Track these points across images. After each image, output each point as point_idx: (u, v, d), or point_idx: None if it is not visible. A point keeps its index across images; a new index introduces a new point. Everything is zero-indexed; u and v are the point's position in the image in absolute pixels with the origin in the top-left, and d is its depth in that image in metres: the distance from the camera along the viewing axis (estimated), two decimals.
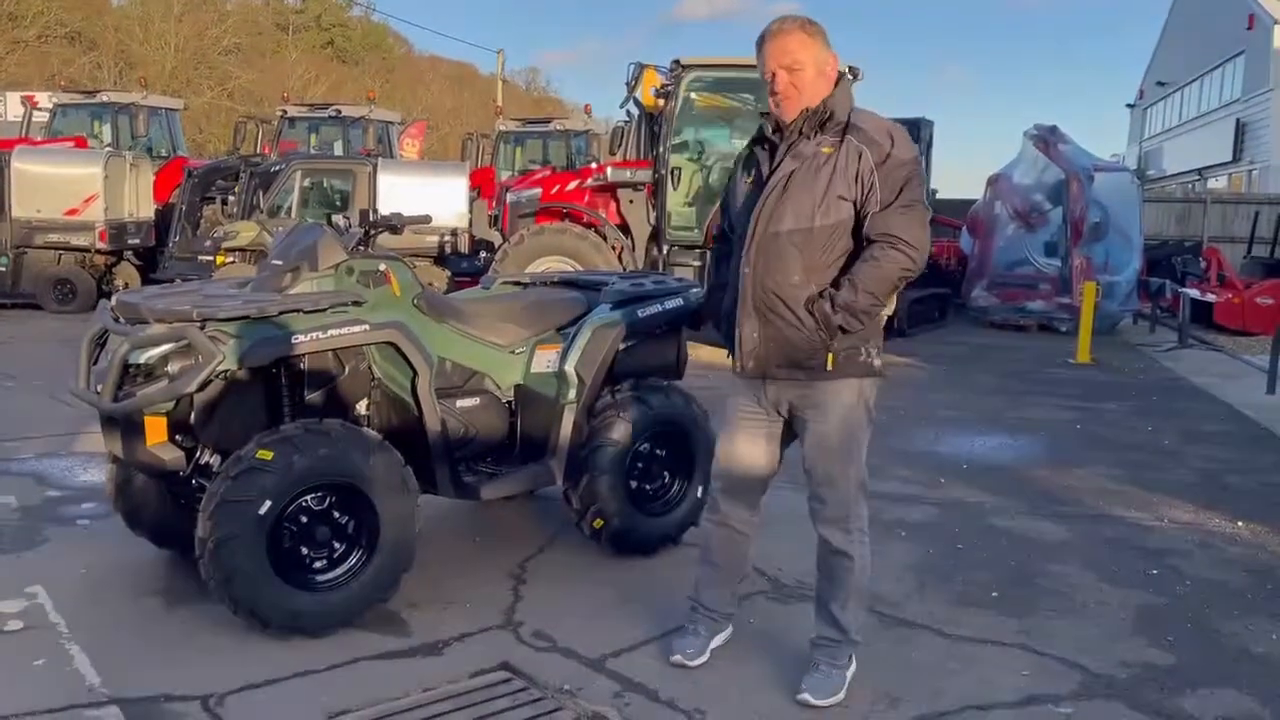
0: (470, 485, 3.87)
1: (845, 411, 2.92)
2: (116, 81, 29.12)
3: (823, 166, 2.81)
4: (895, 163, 2.79)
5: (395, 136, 18.01)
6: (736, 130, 11.08)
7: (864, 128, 2.83)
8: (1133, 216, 13.33)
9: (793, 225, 2.83)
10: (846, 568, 2.99)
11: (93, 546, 4.17)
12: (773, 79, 2.88)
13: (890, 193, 2.78)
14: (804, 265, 2.83)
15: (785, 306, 2.85)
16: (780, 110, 2.90)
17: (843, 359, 2.86)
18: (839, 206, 2.80)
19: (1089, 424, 7.25)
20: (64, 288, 12.15)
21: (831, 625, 3.04)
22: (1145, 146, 35.84)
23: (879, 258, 2.78)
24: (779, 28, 2.89)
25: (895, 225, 2.77)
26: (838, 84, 2.91)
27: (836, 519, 2.97)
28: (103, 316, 3.59)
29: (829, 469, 2.95)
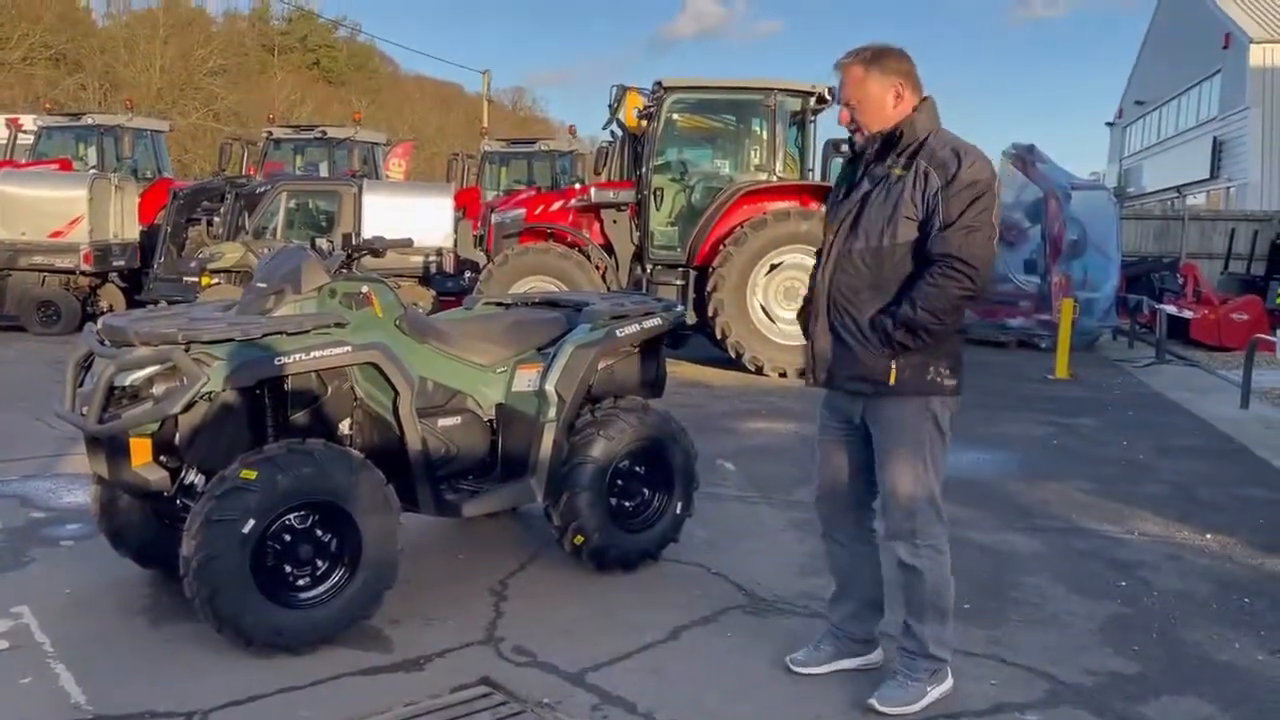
0: (452, 503, 3.93)
1: (909, 427, 2.98)
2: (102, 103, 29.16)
3: (894, 187, 2.92)
4: (961, 184, 2.84)
5: (381, 157, 18.10)
6: (718, 151, 11.24)
7: (936, 150, 2.90)
8: (1110, 233, 13.51)
9: (864, 244, 2.96)
10: (914, 582, 3.05)
11: (78, 566, 4.20)
12: (840, 112, 3.06)
13: (954, 213, 2.84)
14: (872, 282, 2.95)
15: (853, 321, 2.97)
16: (855, 137, 3.07)
17: (907, 375, 2.93)
18: (906, 227, 2.90)
19: (1065, 438, 7.36)
20: (48, 310, 12.15)
21: (907, 636, 3.11)
22: (1125, 164, 36.22)
23: (936, 277, 2.85)
24: (841, 63, 3.04)
25: (953, 245, 2.83)
26: (920, 106, 2.98)
27: (902, 533, 3.03)
28: (88, 339, 3.65)
29: (894, 483, 3.01)
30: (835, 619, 3.32)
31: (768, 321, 9.91)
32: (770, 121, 10.29)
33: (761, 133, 10.55)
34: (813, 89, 10.30)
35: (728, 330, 9.85)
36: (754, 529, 4.97)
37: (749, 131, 10.83)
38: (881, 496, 3.08)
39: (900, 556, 3.05)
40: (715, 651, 3.53)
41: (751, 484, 5.80)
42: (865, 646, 3.31)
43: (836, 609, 3.33)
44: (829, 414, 3.20)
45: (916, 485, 3.00)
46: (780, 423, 7.69)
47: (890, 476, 3.02)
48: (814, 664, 3.28)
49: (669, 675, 3.34)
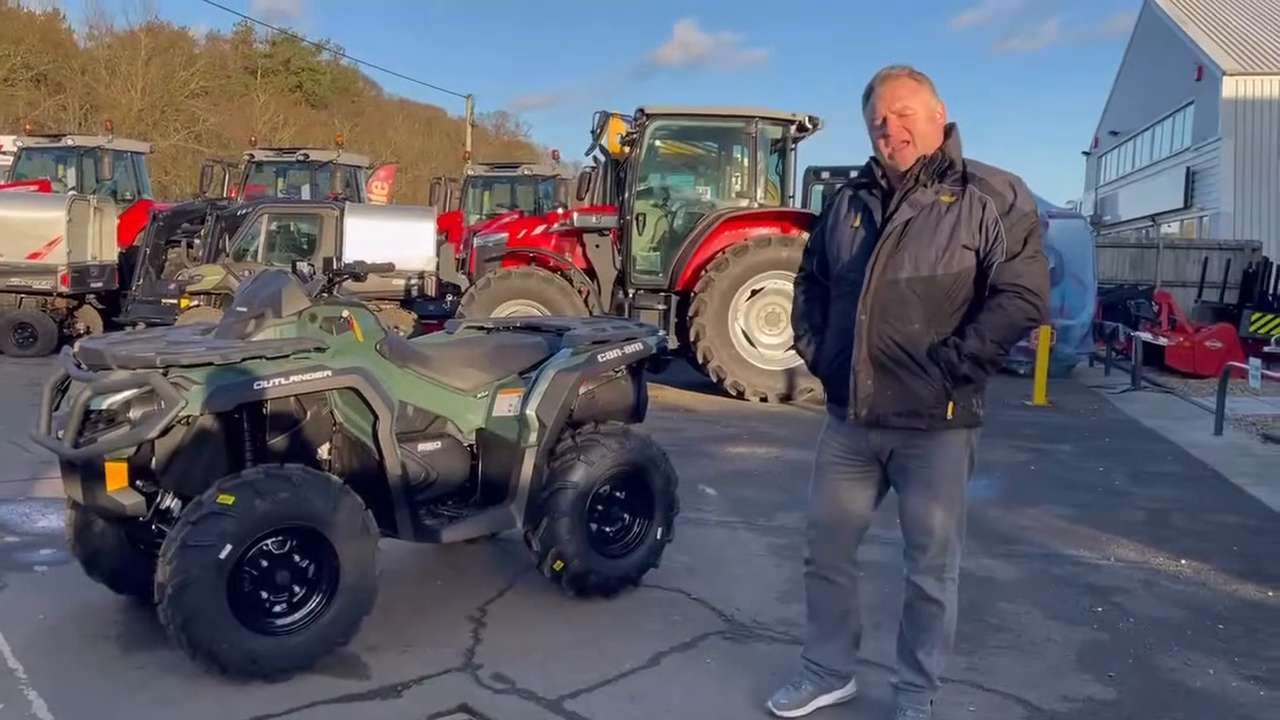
0: (431, 528, 3.92)
1: (955, 462, 2.92)
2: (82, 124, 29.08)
3: (944, 215, 2.81)
4: (1019, 214, 2.80)
5: (363, 180, 18.09)
6: (700, 177, 11.32)
7: (985, 178, 2.84)
8: (1087, 262, 13.67)
9: (912, 273, 2.82)
10: (937, 615, 2.98)
11: (51, 592, 4.15)
12: (884, 124, 2.86)
13: (1016, 243, 2.79)
14: (926, 313, 2.83)
15: (907, 355, 2.84)
16: (895, 157, 2.87)
17: (960, 408, 2.86)
18: (963, 256, 2.81)
19: (1043, 464, 7.42)
20: (25, 332, 12.05)
21: (917, 671, 3.03)
22: (1101, 193, 36.71)
23: (1006, 307, 2.78)
24: (887, 74, 2.89)
25: (1023, 275, 2.78)
26: (949, 134, 2.91)
27: (934, 568, 2.96)
28: (65, 362, 3.62)
29: (932, 518, 2.92)
30: (820, 659, 3.23)
31: (749, 346, 9.97)
32: (752, 149, 10.38)
33: (743, 160, 10.63)
34: (793, 117, 10.42)
35: (709, 355, 9.89)
36: (735, 554, 4.97)
37: (730, 158, 10.92)
38: (913, 533, 2.98)
39: (928, 591, 2.97)
40: (694, 679, 3.52)
41: (733, 509, 5.81)
42: (843, 681, 3.28)
43: (823, 648, 3.24)
44: (843, 450, 3.05)
45: (953, 520, 2.94)
46: (762, 447, 7.71)
47: (930, 512, 2.93)
48: (796, 705, 3.20)
49: (648, 702, 3.32)
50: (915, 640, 3.03)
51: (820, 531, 3.16)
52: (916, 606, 3.02)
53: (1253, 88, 24.25)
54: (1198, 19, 27.34)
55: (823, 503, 3.13)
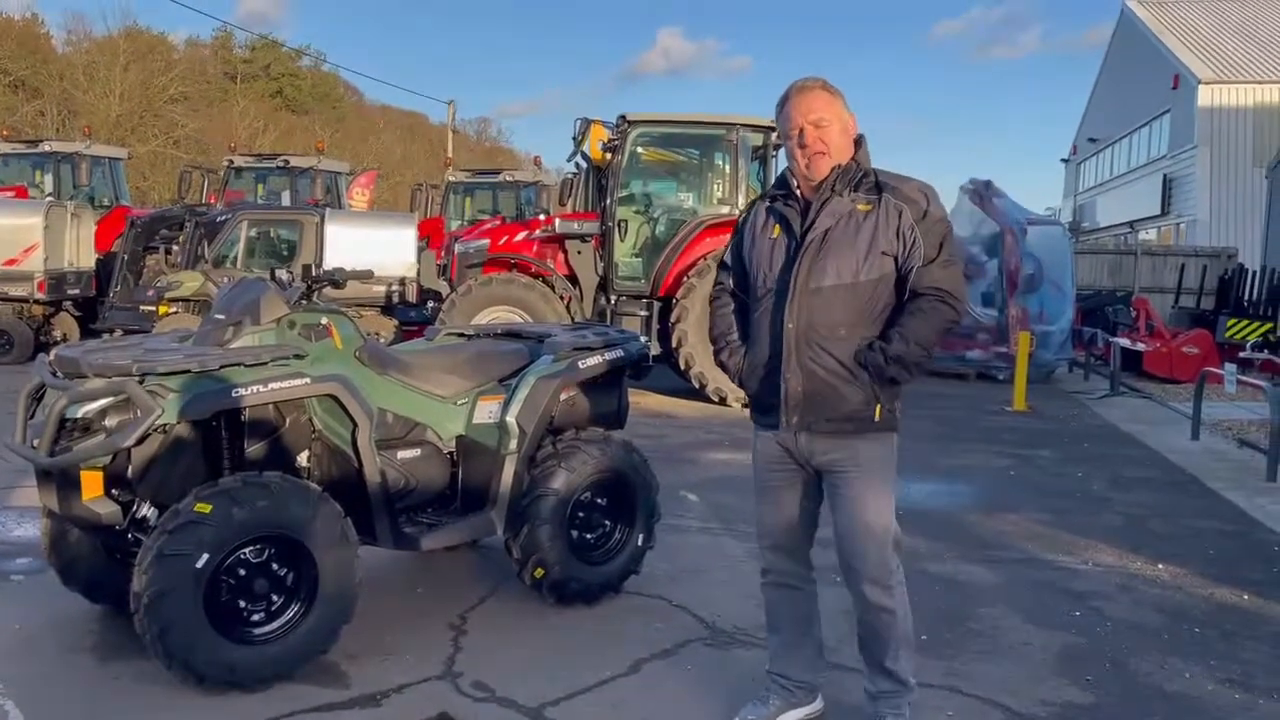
0: (411, 536, 3.90)
1: (883, 465, 2.95)
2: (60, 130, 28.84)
3: (863, 223, 2.87)
4: (933, 219, 2.87)
5: (344, 186, 18.02)
6: (682, 184, 11.35)
7: (899, 186, 2.90)
8: (1065, 268, 13.79)
9: (835, 280, 2.87)
10: (890, 623, 2.97)
11: (27, 602, 4.11)
12: (800, 134, 2.91)
13: (932, 248, 2.85)
14: (850, 319, 2.88)
15: (833, 359, 2.88)
16: (811, 167, 2.92)
17: (886, 412, 2.91)
18: (882, 262, 2.86)
19: (1022, 470, 7.46)
20: (0, 339, 11.93)
21: (888, 679, 3.02)
22: (1079, 200, 37.02)
23: (927, 310, 2.84)
24: (802, 85, 2.95)
25: (941, 279, 2.85)
26: (859, 145, 2.98)
27: (877, 577, 2.94)
28: (40, 370, 3.59)
29: (866, 524, 2.92)
30: (787, 670, 3.21)
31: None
32: (733, 156, 10.42)
33: (724, 166, 10.67)
34: (774, 124, 10.42)
35: (691, 361, 9.90)
36: (716, 561, 4.97)
37: (712, 165, 10.96)
38: (848, 543, 2.96)
39: (876, 601, 2.95)
40: (675, 685, 3.52)
41: (714, 515, 5.81)
42: (810, 695, 3.25)
43: (789, 660, 3.22)
44: (776, 454, 3.05)
45: (887, 524, 2.96)
46: (743, 454, 7.67)
47: (862, 517, 2.93)
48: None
49: (628, 710, 3.32)
50: (877, 650, 3.03)
51: (772, 540, 3.16)
52: (869, 619, 3.01)
53: (1228, 96, 24.56)
54: (1174, 29, 27.67)
55: (768, 512, 3.14)
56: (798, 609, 3.20)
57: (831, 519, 3.02)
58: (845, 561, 3.00)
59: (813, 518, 3.14)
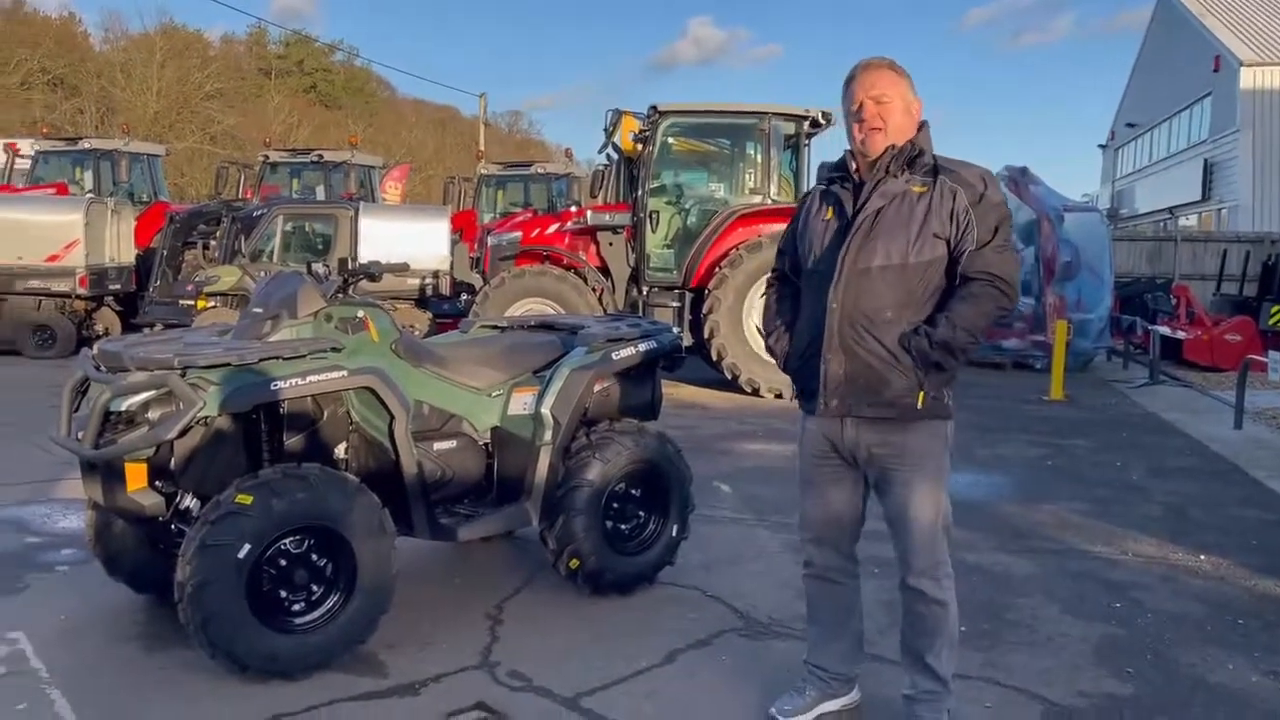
0: (447, 527, 3.94)
1: (932, 455, 2.89)
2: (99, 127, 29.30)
3: (916, 205, 2.82)
4: (989, 204, 2.82)
5: (377, 180, 18.16)
6: (714, 174, 11.32)
7: (957, 170, 2.85)
8: (1103, 255, 13.60)
9: (884, 261, 2.82)
10: (939, 616, 2.93)
11: (72, 592, 4.20)
12: (860, 108, 2.87)
13: (986, 232, 2.80)
14: (896, 301, 2.82)
15: (877, 342, 2.82)
16: (866, 144, 2.88)
17: (931, 400, 2.84)
18: (934, 244, 2.81)
19: (1059, 460, 7.38)
20: (44, 334, 12.16)
21: (929, 677, 2.96)
22: (1118, 186, 36.46)
23: (978, 295, 2.78)
24: (868, 63, 2.91)
25: (993, 264, 2.79)
26: (924, 127, 2.93)
27: (928, 569, 2.90)
28: (84, 364, 3.66)
29: (917, 517, 2.88)
30: (824, 662, 3.20)
31: (763, 343, 9.94)
32: (765, 145, 10.37)
33: (756, 156, 10.62)
34: (806, 113, 10.40)
35: (724, 352, 9.89)
36: (750, 551, 4.97)
37: (744, 155, 10.91)
38: (900, 536, 2.93)
39: (928, 593, 2.91)
40: (710, 675, 3.53)
41: (747, 506, 5.81)
42: (848, 686, 3.23)
43: (826, 651, 3.20)
44: (822, 445, 3.01)
45: (939, 516, 2.91)
46: (776, 444, 7.70)
47: (913, 509, 2.88)
48: (799, 711, 3.16)
49: (664, 699, 3.33)
50: (922, 645, 2.98)
51: (815, 533, 3.13)
52: (918, 611, 2.97)
53: (1271, 78, 24.02)
54: (1215, 10, 27.10)
55: (812, 505, 3.10)
56: (838, 602, 3.17)
57: (881, 509, 2.99)
58: (898, 554, 2.97)
59: (858, 513, 3.10)
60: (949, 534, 2.97)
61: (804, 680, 3.22)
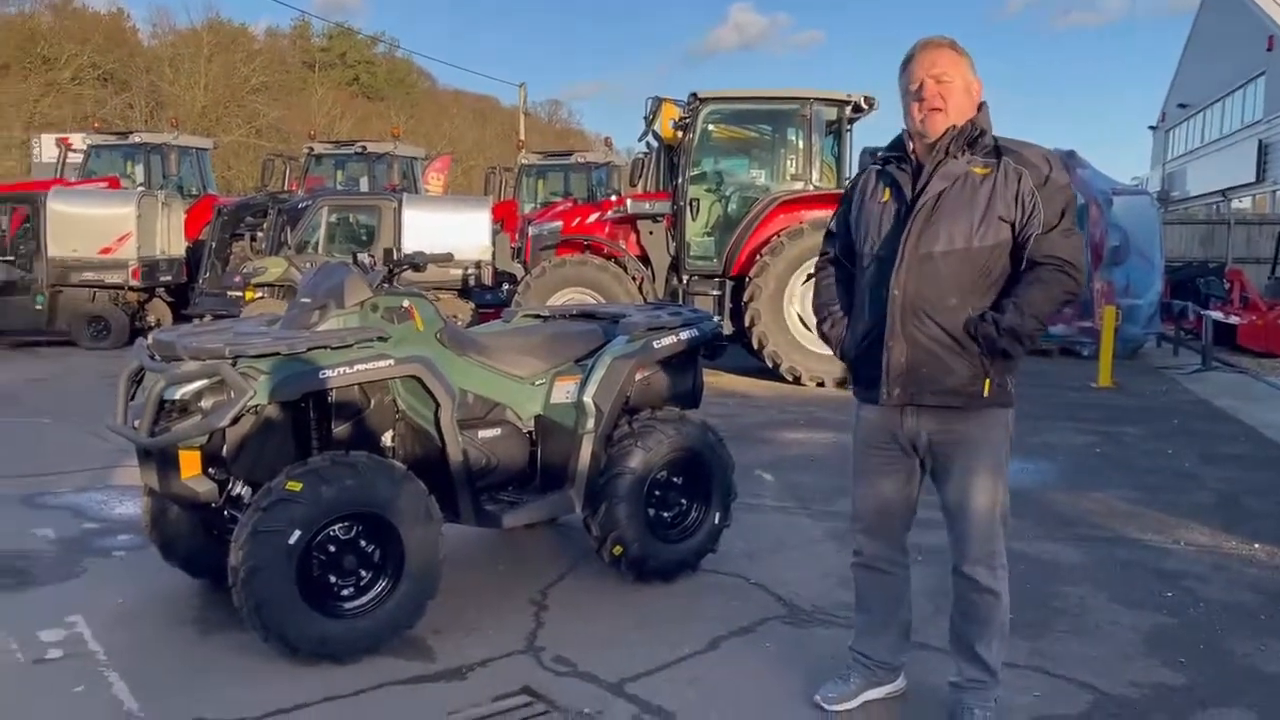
0: (492, 514, 3.98)
1: (994, 443, 2.85)
2: (148, 121, 29.83)
3: (979, 187, 2.75)
4: (1054, 186, 2.75)
5: (419, 171, 18.31)
6: (754, 161, 11.26)
7: (1020, 151, 2.79)
8: (1153, 239, 13.34)
9: (947, 246, 2.76)
10: (993, 605, 2.90)
11: (129, 577, 4.30)
12: (920, 88, 2.80)
13: (1053, 215, 2.73)
14: (960, 287, 2.76)
15: (941, 329, 2.77)
16: (926, 124, 2.81)
17: (995, 387, 2.79)
18: (998, 228, 2.74)
19: (1108, 447, 7.27)
20: (98, 325, 12.43)
21: (979, 667, 2.94)
22: (1169, 168, 35.73)
23: (1046, 280, 2.72)
24: (928, 42, 2.85)
25: (1061, 248, 2.73)
26: (983, 107, 2.87)
27: (983, 557, 2.88)
28: (139, 354, 3.74)
29: (977, 504, 2.85)
30: (870, 650, 3.19)
31: (805, 331, 9.89)
32: (806, 131, 10.29)
33: (798, 142, 10.54)
34: (849, 98, 10.30)
35: (765, 340, 9.85)
36: (793, 540, 4.96)
37: (785, 141, 10.84)
38: (957, 523, 2.91)
39: (982, 582, 2.89)
40: (754, 662, 3.54)
41: (790, 494, 5.80)
42: (893, 674, 3.22)
43: (873, 640, 3.19)
44: (878, 435, 2.97)
45: (996, 505, 2.86)
46: (818, 432, 7.67)
47: (972, 497, 2.85)
48: (845, 699, 3.16)
49: (708, 686, 3.35)
50: (973, 634, 2.96)
51: (866, 523, 3.10)
52: (970, 599, 2.95)
53: None
54: None
55: (865, 495, 3.07)
56: (887, 592, 3.16)
57: (938, 496, 2.97)
58: (952, 541, 2.95)
59: (911, 504, 3.07)
60: (1006, 523, 2.94)
61: (848, 668, 3.22)
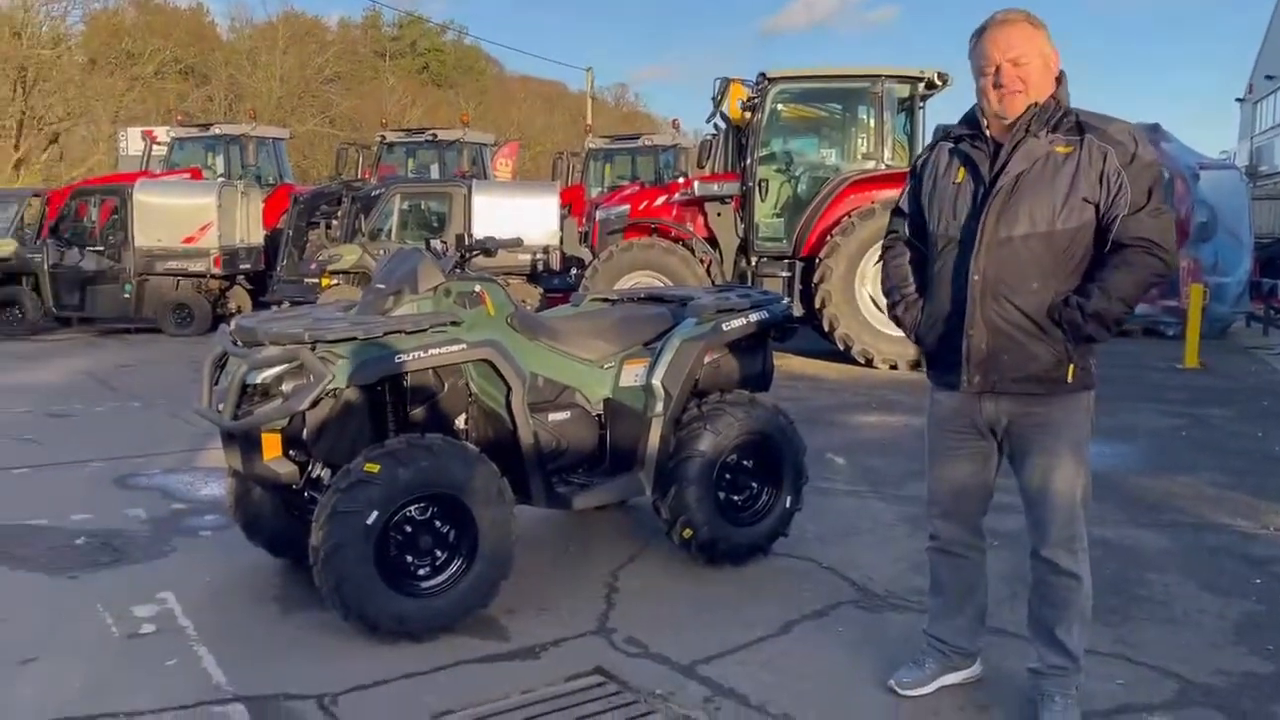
0: (563, 496, 4.02)
1: (1076, 427, 2.79)
2: (227, 113, 30.57)
3: (1061, 167, 2.66)
4: (1141, 164, 2.64)
5: (489, 158, 18.47)
6: (824, 140, 11.12)
7: (1103, 127, 2.67)
8: (1242, 215, 12.85)
9: (1029, 229, 2.68)
10: (1074, 588, 2.85)
11: (215, 555, 4.45)
12: (996, 72, 2.71)
13: (1140, 195, 2.63)
14: (1042, 271, 2.69)
15: (1024, 315, 2.71)
16: (1004, 105, 2.72)
17: (1080, 371, 2.73)
18: (1083, 209, 2.66)
19: (1194, 430, 7.05)
20: (182, 312, 12.82)
21: (1060, 653, 2.89)
22: (1257, 142, 34.33)
23: (1134, 263, 2.63)
24: (1003, 18, 2.73)
25: (1149, 229, 2.62)
26: (1062, 80, 2.76)
27: (1064, 539, 2.83)
28: (222, 340, 3.85)
29: (1058, 488, 2.80)
30: (945, 634, 3.15)
31: (877, 312, 9.75)
32: (878, 109, 10.12)
33: (869, 121, 10.38)
34: (921, 74, 10.10)
35: (836, 322, 9.75)
36: (865, 524, 4.92)
37: (856, 120, 10.68)
38: (1036, 506, 2.85)
39: (1061, 564, 2.83)
40: (827, 647, 3.52)
41: (863, 478, 5.74)
42: (969, 660, 3.18)
43: (947, 624, 3.15)
44: (957, 420, 2.91)
45: (1078, 488, 2.80)
46: (891, 416, 7.57)
47: (1052, 482, 2.80)
48: (920, 684, 3.13)
49: (780, 669, 3.34)
50: (1053, 619, 2.90)
51: (942, 508, 3.06)
52: (1050, 582, 2.89)
53: None
54: None
55: (941, 479, 3.03)
56: (962, 576, 3.11)
57: (1017, 479, 2.92)
58: (1032, 522, 2.90)
59: (987, 488, 3.02)
60: (1087, 507, 2.87)
61: (923, 652, 3.19)
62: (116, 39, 32.55)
